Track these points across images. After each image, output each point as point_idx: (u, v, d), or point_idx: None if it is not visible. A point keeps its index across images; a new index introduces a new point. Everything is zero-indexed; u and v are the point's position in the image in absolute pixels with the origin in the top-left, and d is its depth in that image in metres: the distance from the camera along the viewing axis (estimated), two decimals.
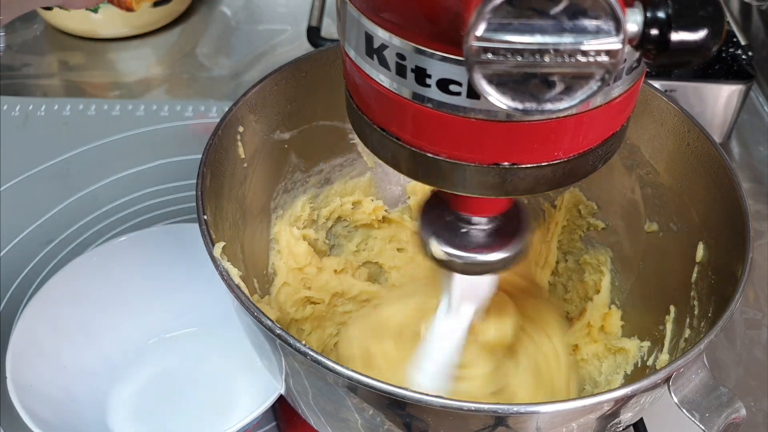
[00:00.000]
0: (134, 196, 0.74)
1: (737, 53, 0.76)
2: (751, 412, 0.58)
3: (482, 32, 0.23)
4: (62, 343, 0.54)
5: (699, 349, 0.35)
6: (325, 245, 0.57)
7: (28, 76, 0.91)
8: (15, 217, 0.71)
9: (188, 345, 0.59)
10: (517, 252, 0.38)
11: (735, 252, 0.40)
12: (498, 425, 0.34)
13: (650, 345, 0.50)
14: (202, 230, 0.39)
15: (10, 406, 0.48)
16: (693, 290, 0.46)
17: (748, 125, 0.86)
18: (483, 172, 0.30)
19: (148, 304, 0.59)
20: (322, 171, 0.55)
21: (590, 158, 0.31)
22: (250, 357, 0.47)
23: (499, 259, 0.37)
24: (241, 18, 1.02)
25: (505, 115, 0.28)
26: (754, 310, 0.66)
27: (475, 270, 0.38)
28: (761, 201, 0.77)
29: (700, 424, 0.35)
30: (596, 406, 0.34)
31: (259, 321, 0.35)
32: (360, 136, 0.34)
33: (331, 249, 0.58)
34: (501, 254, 0.37)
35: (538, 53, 0.23)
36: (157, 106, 0.85)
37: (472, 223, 0.37)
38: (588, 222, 0.56)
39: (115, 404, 0.55)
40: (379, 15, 0.28)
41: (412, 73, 0.28)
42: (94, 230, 0.71)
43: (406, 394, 0.32)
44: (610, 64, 0.24)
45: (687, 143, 0.46)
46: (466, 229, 0.37)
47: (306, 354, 0.34)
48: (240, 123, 0.46)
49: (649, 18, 0.24)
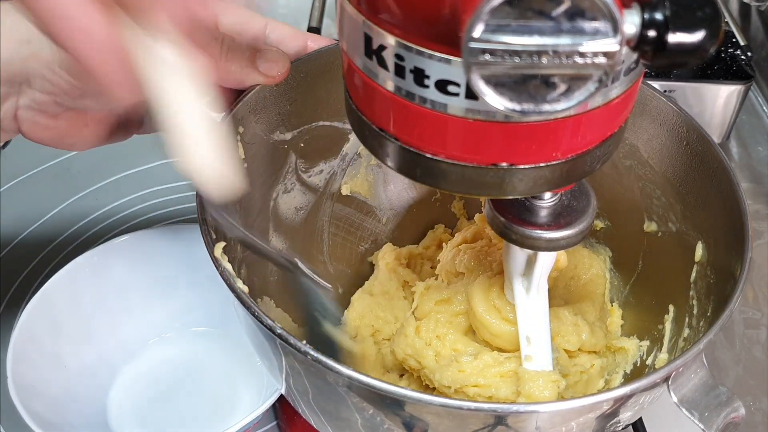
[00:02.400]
0: (134, 196, 0.74)
1: (736, 53, 0.76)
2: (750, 412, 0.58)
3: (480, 33, 0.23)
4: (62, 343, 0.54)
5: (698, 348, 0.35)
6: None
7: None
8: (15, 217, 0.72)
9: (188, 345, 0.59)
10: (590, 223, 0.39)
11: (734, 252, 0.40)
12: (497, 424, 0.34)
13: (649, 344, 0.50)
14: (203, 230, 0.39)
15: (10, 405, 0.48)
16: (692, 290, 0.46)
17: (747, 125, 0.86)
18: (481, 172, 0.30)
19: (148, 304, 0.59)
20: None
21: (588, 159, 0.31)
22: (250, 357, 0.47)
23: (579, 230, 0.38)
24: None
25: (504, 116, 0.28)
26: (753, 309, 0.66)
27: (558, 245, 0.39)
28: (760, 201, 0.77)
29: (699, 423, 0.35)
30: (595, 405, 0.34)
31: (260, 320, 0.35)
32: (359, 137, 0.34)
33: None
34: (578, 226, 0.38)
35: (536, 54, 0.24)
36: None
37: (544, 199, 0.38)
38: None
39: (115, 404, 0.55)
40: (378, 16, 0.28)
41: (411, 74, 0.28)
42: (94, 230, 0.71)
43: (406, 393, 0.32)
44: (608, 66, 0.24)
45: (686, 143, 0.46)
46: (540, 204, 0.38)
47: (306, 353, 0.34)
48: (240, 123, 0.46)
49: (647, 19, 0.25)
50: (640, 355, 0.51)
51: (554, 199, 0.38)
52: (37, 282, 0.65)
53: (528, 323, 0.44)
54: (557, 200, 0.38)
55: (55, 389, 0.52)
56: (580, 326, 0.50)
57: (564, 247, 0.39)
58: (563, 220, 0.38)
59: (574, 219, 0.38)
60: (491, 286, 0.49)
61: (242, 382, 0.57)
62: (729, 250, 0.41)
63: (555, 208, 0.38)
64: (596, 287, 0.54)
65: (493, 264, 0.52)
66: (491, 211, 0.39)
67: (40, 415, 0.48)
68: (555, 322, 0.49)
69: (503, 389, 0.46)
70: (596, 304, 0.53)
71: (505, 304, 0.47)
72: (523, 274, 0.44)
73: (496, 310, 0.48)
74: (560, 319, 0.50)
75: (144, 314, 0.59)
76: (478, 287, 0.49)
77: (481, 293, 0.49)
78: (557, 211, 0.38)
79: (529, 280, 0.43)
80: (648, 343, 0.51)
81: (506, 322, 0.47)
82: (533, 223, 0.38)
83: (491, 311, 0.48)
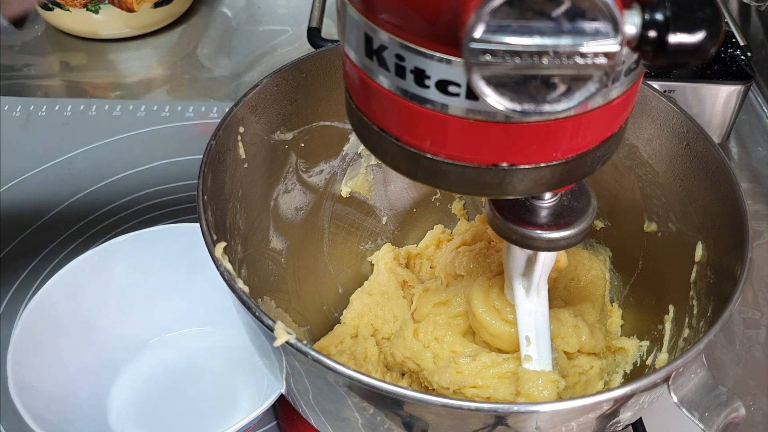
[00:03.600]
0: (135, 196, 0.74)
1: (736, 54, 0.76)
2: (750, 412, 0.58)
3: (481, 34, 0.23)
4: (62, 342, 0.54)
5: (698, 348, 0.35)
6: None
7: (29, 76, 0.91)
8: (15, 217, 0.72)
9: (188, 345, 0.59)
10: (590, 223, 0.39)
11: (734, 252, 0.41)
12: (498, 424, 0.34)
13: (649, 344, 0.50)
14: (203, 230, 0.39)
15: (10, 405, 0.48)
16: (692, 290, 0.46)
17: (746, 125, 0.86)
18: (482, 172, 0.30)
19: (148, 304, 0.59)
20: None
21: (589, 159, 0.31)
22: (250, 357, 0.47)
23: (579, 230, 0.38)
24: (242, 19, 1.02)
25: (504, 116, 0.28)
26: (752, 309, 0.66)
27: (558, 245, 0.39)
28: (760, 201, 0.77)
29: (700, 424, 0.35)
30: (596, 405, 0.34)
31: (260, 320, 0.35)
32: (360, 137, 0.34)
33: None
34: (578, 226, 0.38)
35: (537, 55, 0.24)
36: (158, 106, 0.85)
37: (544, 199, 0.38)
38: None
39: (115, 404, 0.55)
40: (378, 16, 0.28)
41: (411, 74, 0.28)
42: (94, 230, 0.71)
43: (406, 393, 0.32)
44: (609, 66, 0.24)
45: (686, 143, 0.46)
46: (540, 204, 0.38)
47: (306, 353, 0.34)
48: (241, 123, 0.46)
49: (647, 20, 0.25)
50: (640, 355, 0.51)
51: (554, 199, 0.38)
52: (37, 282, 0.65)
53: (528, 323, 0.45)
54: (557, 200, 0.38)
55: (55, 389, 0.52)
56: (580, 328, 0.50)
57: (564, 248, 0.39)
58: (563, 220, 0.38)
59: (574, 219, 0.38)
60: (491, 287, 0.49)
61: (242, 382, 0.57)
62: (729, 250, 0.42)
63: (555, 208, 0.39)
64: (596, 288, 0.55)
65: (492, 265, 0.52)
66: (491, 211, 0.39)
67: (40, 415, 0.48)
68: (555, 323, 0.49)
69: (501, 390, 0.46)
70: (596, 305, 0.53)
71: (505, 305, 0.47)
72: (523, 274, 0.44)
73: (496, 311, 0.48)
74: (560, 321, 0.50)
75: (144, 314, 0.59)
76: (478, 289, 0.49)
77: (481, 294, 0.49)
78: (557, 211, 0.39)
79: (529, 280, 0.43)
80: (648, 344, 0.51)
81: (506, 323, 0.47)
82: (533, 223, 0.38)
83: (491, 312, 0.48)
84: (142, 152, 0.79)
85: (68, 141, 0.80)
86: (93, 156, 0.79)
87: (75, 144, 0.80)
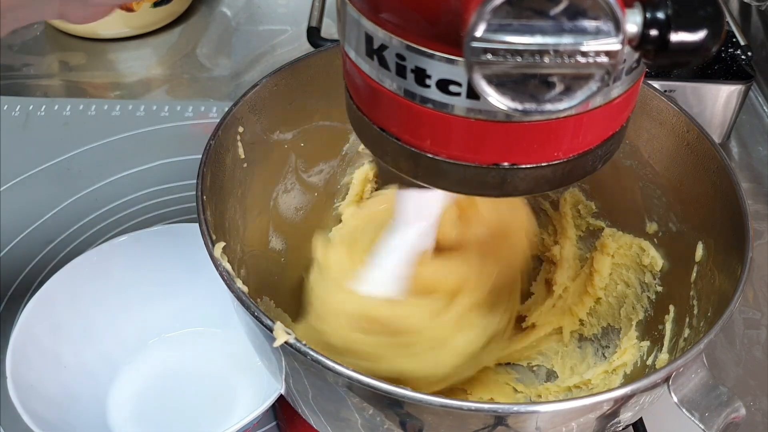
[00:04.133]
0: (134, 196, 0.74)
1: (736, 53, 0.76)
2: (751, 412, 0.58)
3: (482, 33, 0.23)
4: (62, 342, 0.54)
5: (698, 348, 0.35)
6: None
7: (28, 76, 0.91)
8: (15, 217, 0.71)
9: (188, 345, 0.59)
10: None
11: (734, 252, 0.40)
12: (498, 425, 0.34)
13: (650, 344, 0.50)
14: (203, 230, 0.39)
15: (10, 405, 0.48)
16: (692, 290, 0.46)
17: (747, 125, 0.86)
18: (482, 172, 0.30)
19: (148, 304, 0.59)
20: None
21: (590, 158, 0.31)
22: (250, 357, 0.47)
23: None
24: (242, 18, 1.02)
25: (505, 115, 0.28)
26: (753, 309, 0.66)
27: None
28: (760, 201, 0.77)
29: (700, 424, 0.35)
30: (596, 405, 0.34)
31: (259, 320, 0.35)
32: (360, 137, 0.34)
33: None
34: None
35: (538, 54, 0.24)
36: (158, 106, 0.85)
37: None
38: (587, 222, 0.56)
39: (115, 404, 0.55)
40: (378, 15, 0.28)
41: (412, 74, 0.28)
42: (94, 230, 0.71)
43: (406, 393, 0.32)
44: (610, 65, 0.24)
45: (686, 143, 0.46)
46: None
47: (306, 354, 0.34)
48: (240, 123, 0.46)
49: (649, 19, 0.24)
50: (641, 356, 0.51)
51: None
52: (37, 282, 0.65)
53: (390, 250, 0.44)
54: None
55: (55, 389, 0.52)
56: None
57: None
58: None
59: None
60: None
61: (242, 382, 0.57)
62: (729, 250, 0.41)
63: None
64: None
65: None
66: None
67: (39, 415, 0.48)
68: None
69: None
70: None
71: None
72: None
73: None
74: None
75: (144, 314, 0.59)
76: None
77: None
78: None
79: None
80: (648, 344, 0.51)
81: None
82: None
83: None
84: (142, 152, 0.79)
85: (68, 141, 0.80)
86: (92, 156, 0.79)
87: (74, 144, 0.80)
